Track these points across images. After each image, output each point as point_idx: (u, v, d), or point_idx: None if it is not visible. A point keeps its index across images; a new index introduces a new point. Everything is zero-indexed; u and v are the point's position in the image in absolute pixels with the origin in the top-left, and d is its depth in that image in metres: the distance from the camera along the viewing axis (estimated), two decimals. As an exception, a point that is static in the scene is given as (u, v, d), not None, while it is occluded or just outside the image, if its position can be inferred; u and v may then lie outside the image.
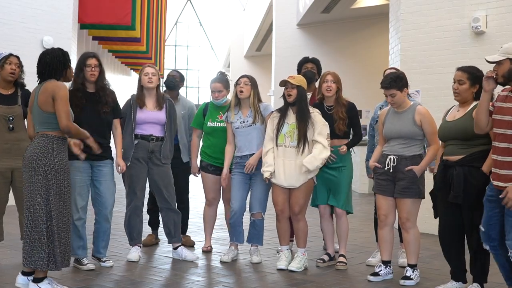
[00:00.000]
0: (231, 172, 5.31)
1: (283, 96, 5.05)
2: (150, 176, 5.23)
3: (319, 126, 4.92)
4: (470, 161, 4.12)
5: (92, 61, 4.87)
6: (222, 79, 5.54)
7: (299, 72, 6.03)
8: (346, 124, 5.09)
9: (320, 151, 4.87)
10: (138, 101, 5.23)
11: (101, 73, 4.94)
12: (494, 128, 3.86)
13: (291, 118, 5.00)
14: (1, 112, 4.84)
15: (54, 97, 4.03)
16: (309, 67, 5.94)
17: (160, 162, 5.20)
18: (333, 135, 5.05)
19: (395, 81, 4.64)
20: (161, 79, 5.87)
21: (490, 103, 3.93)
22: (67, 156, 4.19)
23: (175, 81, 6.02)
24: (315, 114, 4.98)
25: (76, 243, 4.82)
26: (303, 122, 4.92)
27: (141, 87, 5.27)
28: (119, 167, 5.05)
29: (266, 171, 4.94)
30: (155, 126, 5.21)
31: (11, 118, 4.85)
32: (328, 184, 5.13)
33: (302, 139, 4.91)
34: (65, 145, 4.19)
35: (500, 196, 3.74)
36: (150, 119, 5.19)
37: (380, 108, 5.45)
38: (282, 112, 5.05)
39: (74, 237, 4.82)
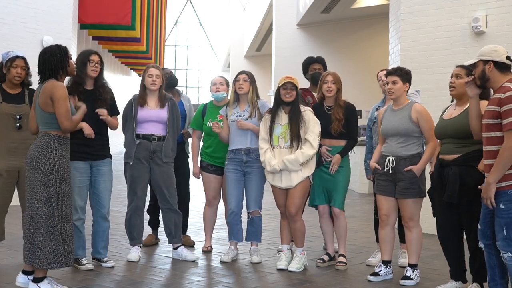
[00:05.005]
0: (225, 168, 5.31)
1: (278, 95, 5.00)
2: (151, 176, 5.23)
3: (311, 124, 4.92)
4: (466, 161, 4.13)
5: (95, 57, 4.93)
6: (223, 77, 5.75)
7: (305, 71, 6.03)
8: (343, 125, 5.09)
9: (301, 153, 4.85)
10: (139, 100, 5.24)
11: (101, 70, 4.98)
12: (482, 132, 3.87)
13: (283, 118, 5.00)
14: (9, 111, 4.84)
15: (52, 98, 4.04)
16: (316, 68, 5.94)
17: (162, 162, 5.20)
18: (329, 135, 5.05)
19: (401, 70, 4.77)
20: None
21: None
22: (68, 155, 4.20)
23: (176, 78, 6.09)
24: (307, 113, 4.98)
25: (76, 243, 4.82)
26: (295, 121, 4.92)
27: (143, 86, 5.28)
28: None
29: (275, 164, 4.89)
30: (156, 125, 5.21)
31: (18, 116, 4.85)
32: (326, 184, 5.13)
33: (296, 139, 4.91)
34: (67, 144, 4.19)
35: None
36: (152, 117, 5.20)
37: (377, 109, 5.46)
38: (273, 114, 5.04)
39: (74, 237, 4.82)
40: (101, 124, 4.92)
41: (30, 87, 5.03)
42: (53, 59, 4.13)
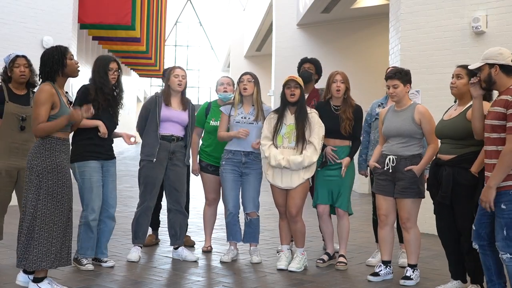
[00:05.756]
0: (221, 168, 5.31)
1: (283, 95, 5.04)
2: (167, 176, 5.24)
3: (316, 127, 4.93)
4: (460, 162, 4.13)
5: (113, 65, 4.97)
6: (229, 77, 5.82)
7: (298, 72, 6.03)
8: (352, 125, 5.09)
9: (307, 157, 4.86)
10: (164, 99, 5.25)
11: (119, 77, 5.02)
12: (484, 132, 3.87)
13: (289, 118, 5.00)
14: (15, 111, 4.86)
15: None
16: (306, 67, 5.94)
17: (181, 164, 5.25)
18: (338, 135, 5.06)
19: (400, 73, 4.75)
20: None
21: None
22: (62, 156, 4.10)
23: None
24: (313, 115, 4.99)
25: (86, 243, 4.83)
26: (301, 122, 4.92)
27: (168, 86, 5.30)
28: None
29: (281, 160, 4.88)
30: (176, 126, 5.24)
31: (22, 118, 4.86)
32: (330, 185, 5.12)
33: (301, 139, 4.91)
34: (61, 145, 4.09)
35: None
36: (173, 117, 5.22)
37: (379, 106, 5.44)
38: (280, 113, 5.04)
39: (86, 237, 4.83)
40: (115, 127, 5.01)
41: (36, 87, 5.05)
42: (50, 61, 4.10)
